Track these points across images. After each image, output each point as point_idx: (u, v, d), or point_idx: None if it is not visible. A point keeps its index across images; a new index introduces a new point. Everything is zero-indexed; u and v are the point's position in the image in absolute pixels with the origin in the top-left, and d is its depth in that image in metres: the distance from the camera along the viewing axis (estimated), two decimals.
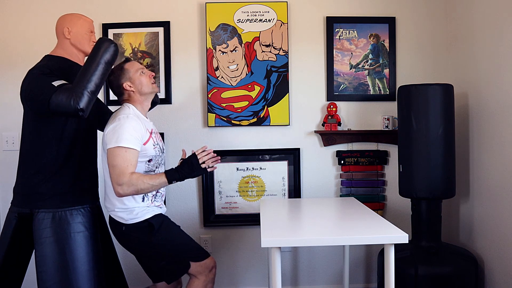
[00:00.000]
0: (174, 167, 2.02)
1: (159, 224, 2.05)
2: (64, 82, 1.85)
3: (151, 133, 2.06)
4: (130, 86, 2.05)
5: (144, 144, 1.99)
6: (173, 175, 1.98)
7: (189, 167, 2.01)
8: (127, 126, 1.92)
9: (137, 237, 2.02)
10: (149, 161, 2.05)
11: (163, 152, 2.18)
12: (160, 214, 2.10)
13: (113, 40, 1.93)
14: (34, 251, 1.94)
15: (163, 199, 2.17)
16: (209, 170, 2.06)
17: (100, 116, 2.19)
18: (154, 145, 2.05)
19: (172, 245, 2.06)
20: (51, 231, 1.90)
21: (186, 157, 2.08)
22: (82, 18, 2.06)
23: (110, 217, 2.08)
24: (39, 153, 1.94)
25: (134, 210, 2.01)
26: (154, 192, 2.07)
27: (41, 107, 1.82)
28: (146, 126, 2.04)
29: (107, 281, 2.17)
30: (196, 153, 2.03)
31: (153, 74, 2.13)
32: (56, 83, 1.81)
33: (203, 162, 2.01)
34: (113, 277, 2.24)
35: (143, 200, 2.03)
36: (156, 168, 2.10)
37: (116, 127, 1.92)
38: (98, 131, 2.22)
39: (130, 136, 1.91)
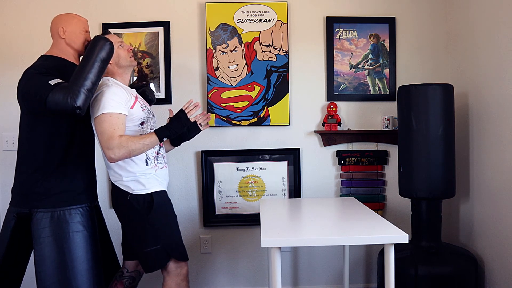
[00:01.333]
0: (165, 124, 2.08)
1: (161, 202, 2.06)
2: (60, 80, 1.85)
3: (136, 97, 2.09)
4: None
5: (132, 107, 2.01)
6: (162, 132, 2.01)
7: (177, 122, 2.06)
8: (108, 93, 1.93)
9: (139, 209, 2.01)
10: (142, 124, 2.07)
11: (154, 115, 2.21)
12: (166, 194, 2.12)
13: (108, 38, 1.93)
14: (33, 251, 1.94)
15: (165, 160, 2.18)
16: (202, 128, 2.20)
17: None
18: (142, 107, 2.08)
19: (165, 230, 2.06)
20: (49, 230, 1.89)
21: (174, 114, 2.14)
22: (76, 17, 2.06)
23: (114, 185, 2.07)
24: (36, 152, 1.94)
25: (140, 178, 2.02)
26: (155, 154, 2.09)
27: (38, 106, 1.82)
28: (129, 92, 2.06)
29: (106, 280, 2.16)
30: (183, 108, 2.08)
31: (132, 48, 2.15)
32: (52, 82, 1.81)
33: (193, 118, 2.08)
34: (112, 277, 2.24)
35: (146, 164, 2.04)
36: (150, 130, 2.11)
37: (98, 97, 1.94)
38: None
39: (112, 101, 1.92)
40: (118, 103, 1.93)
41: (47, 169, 1.93)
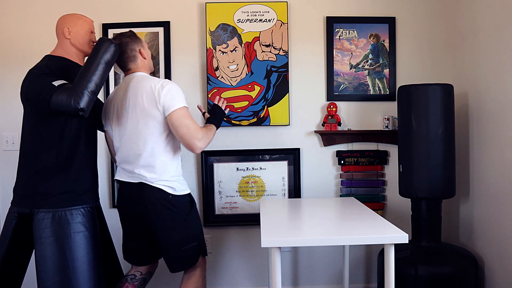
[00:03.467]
0: (210, 117, 2.27)
1: (194, 202, 2.18)
2: (64, 82, 1.85)
3: None
4: (143, 53, 2.12)
5: None
6: (217, 123, 2.24)
7: (220, 113, 2.29)
8: (177, 88, 2.02)
9: (180, 208, 2.06)
10: None
11: None
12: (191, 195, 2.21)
13: (113, 40, 1.93)
14: (34, 251, 1.94)
15: None
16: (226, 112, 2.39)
17: (100, 116, 2.18)
18: None
19: (198, 228, 2.16)
20: (51, 231, 1.89)
21: (210, 108, 2.37)
22: (82, 18, 2.06)
23: (151, 186, 2.01)
24: (39, 153, 1.94)
25: (180, 179, 2.10)
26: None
27: (41, 107, 1.82)
28: None
29: (107, 281, 2.16)
30: (217, 103, 2.33)
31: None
32: (56, 83, 1.81)
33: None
34: (113, 278, 2.24)
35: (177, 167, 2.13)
36: None
37: (171, 90, 1.97)
38: (98, 131, 2.22)
39: (183, 96, 2.02)
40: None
41: (49, 170, 1.93)
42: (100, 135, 2.28)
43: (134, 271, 2.23)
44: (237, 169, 2.94)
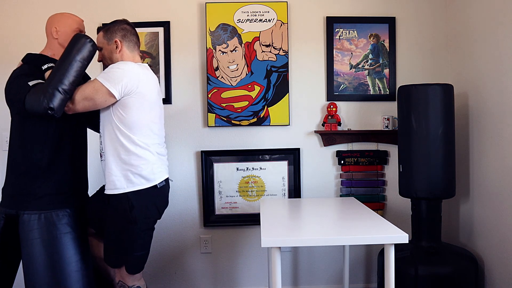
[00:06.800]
0: None
1: None
2: (40, 81, 1.82)
3: None
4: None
5: None
6: None
7: None
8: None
9: None
10: None
11: None
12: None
13: (89, 36, 1.88)
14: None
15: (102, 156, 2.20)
16: None
17: (90, 116, 2.09)
18: None
19: None
20: (37, 232, 1.86)
21: None
22: (71, 17, 2.01)
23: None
24: (26, 154, 1.90)
25: None
26: None
27: (18, 107, 1.80)
28: None
29: (96, 281, 2.13)
30: None
31: None
32: (31, 83, 1.78)
33: None
34: (103, 279, 2.21)
35: None
36: None
37: None
38: (88, 130, 2.18)
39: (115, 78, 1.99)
40: None
41: (36, 171, 1.90)
42: (91, 134, 2.23)
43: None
44: (237, 169, 2.94)
